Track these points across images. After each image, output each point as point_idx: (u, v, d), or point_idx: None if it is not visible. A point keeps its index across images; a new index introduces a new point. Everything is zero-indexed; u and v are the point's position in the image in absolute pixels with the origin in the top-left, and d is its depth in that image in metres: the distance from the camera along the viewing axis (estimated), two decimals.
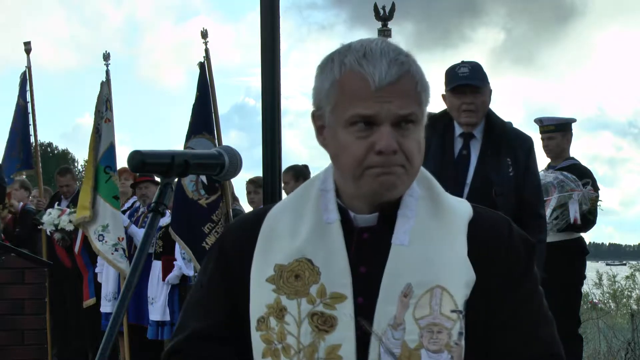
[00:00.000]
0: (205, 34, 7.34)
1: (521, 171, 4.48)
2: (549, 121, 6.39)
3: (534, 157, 4.58)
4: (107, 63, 8.19)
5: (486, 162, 4.50)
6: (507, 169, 4.47)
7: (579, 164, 6.34)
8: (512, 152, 4.50)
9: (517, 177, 4.46)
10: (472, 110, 4.52)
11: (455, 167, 4.54)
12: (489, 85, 4.59)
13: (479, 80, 4.54)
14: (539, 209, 4.52)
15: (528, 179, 4.49)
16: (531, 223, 4.45)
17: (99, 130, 7.95)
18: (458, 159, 4.56)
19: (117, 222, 7.73)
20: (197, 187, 7.23)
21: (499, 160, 4.48)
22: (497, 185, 4.45)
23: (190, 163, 1.74)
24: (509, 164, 4.47)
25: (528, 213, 4.46)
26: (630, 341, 8.22)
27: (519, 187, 4.47)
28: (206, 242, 7.17)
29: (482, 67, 4.63)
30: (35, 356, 5.36)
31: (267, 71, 6.06)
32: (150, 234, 1.72)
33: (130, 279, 1.66)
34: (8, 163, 8.76)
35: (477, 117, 4.54)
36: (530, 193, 4.48)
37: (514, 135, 4.57)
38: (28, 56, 8.81)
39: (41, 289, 5.49)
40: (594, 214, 6.12)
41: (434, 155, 4.58)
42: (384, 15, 6.73)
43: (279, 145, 6.06)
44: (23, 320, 5.36)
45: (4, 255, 5.38)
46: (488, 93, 4.58)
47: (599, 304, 13.17)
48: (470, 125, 4.55)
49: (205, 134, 7.28)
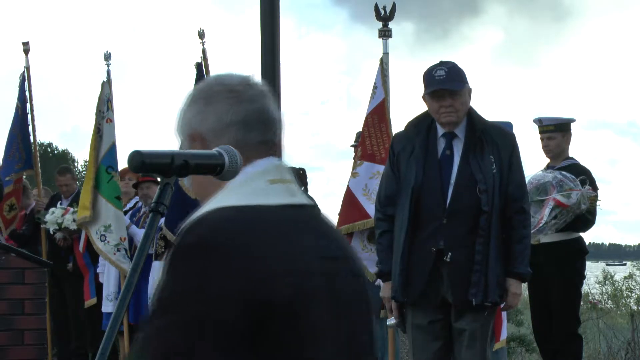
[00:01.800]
0: (202, 34, 7.34)
1: (504, 168, 4.51)
2: (549, 121, 6.39)
3: (517, 153, 4.60)
4: (108, 63, 8.20)
5: (469, 161, 4.53)
6: (491, 166, 4.50)
7: (579, 164, 6.33)
8: (495, 149, 4.53)
9: (501, 173, 4.50)
10: (451, 112, 4.57)
11: (439, 166, 4.57)
12: (466, 84, 4.61)
13: (456, 83, 4.58)
14: (523, 204, 4.53)
15: (511, 175, 4.52)
16: (515, 218, 4.50)
17: (100, 130, 7.95)
18: (442, 158, 4.60)
19: (119, 222, 7.73)
20: None
21: (482, 158, 4.51)
22: (481, 183, 4.47)
23: (190, 163, 1.74)
24: (492, 161, 4.51)
25: (512, 208, 4.49)
26: (630, 341, 8.23)
27: (503, 183, 4.49)
28: None
29: (459, 66, 4.65)
30: (35, 356, 5.36)
31: (267, 71, 6.07)
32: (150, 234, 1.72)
33: (130, 279, 1.66)
34: (7, 163, 8.76)
35: (457, 116, 4.58)
36: (513, 189, 4.51)
37: (497, 133, 4.60)
38: (27, 56, 8.82)
39: (41, 289, 5.49)
40: (594, 213, 6.12)
41: (417, 156, 4.61)
42: (385, 16, 6.72)
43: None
44: (23, 320, 5.36)
45: (4, 255, 5.38)
46: (467, 93, 4.61)
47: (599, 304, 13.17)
48: (451, 125, 4.59)
49: None
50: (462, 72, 4.64)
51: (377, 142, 6.67)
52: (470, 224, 4.46)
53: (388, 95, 6.68)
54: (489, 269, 4.43)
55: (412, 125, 4.74)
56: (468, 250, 4.45)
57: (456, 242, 4.47)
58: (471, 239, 4.45)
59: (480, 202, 4.45)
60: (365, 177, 6.68)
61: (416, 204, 4.55)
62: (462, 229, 4.47)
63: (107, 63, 8.20)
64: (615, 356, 8.55)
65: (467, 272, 4.46)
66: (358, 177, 6.69)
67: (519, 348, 8.66)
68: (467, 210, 4.47)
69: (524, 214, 4.52)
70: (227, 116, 1.89)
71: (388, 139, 6.65)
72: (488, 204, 4.45)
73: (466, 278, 4.45)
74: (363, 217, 6.63)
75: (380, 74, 6.70)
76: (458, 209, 4.48)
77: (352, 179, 6.74)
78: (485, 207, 4.45)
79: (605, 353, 8.80)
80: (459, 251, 4.46)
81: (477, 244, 4.44)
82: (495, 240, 4.45)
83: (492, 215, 4.45)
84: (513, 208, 4.48)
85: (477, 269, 4.43)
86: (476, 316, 4.49)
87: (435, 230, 4.50)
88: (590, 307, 11.77)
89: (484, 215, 4.45)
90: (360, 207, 6.67)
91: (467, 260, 4.45)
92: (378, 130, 6.66)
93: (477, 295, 4.42)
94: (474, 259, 4.43)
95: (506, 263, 4.48)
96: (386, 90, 6.67)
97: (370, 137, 6.68)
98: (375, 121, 6.66)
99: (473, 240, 4.45)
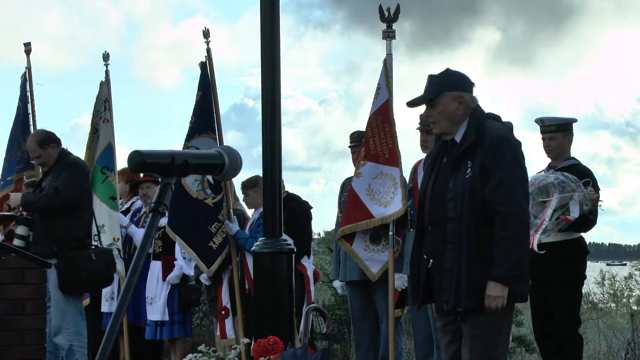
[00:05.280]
0: (207, 33, 7.34)
1: (479, 172, 4.47)
2: (550, 121, 6.38)
3: (495, 154, 4.49)
4: (106, 63, 8.21)
5: (449, 168, 4.58)
6: (465, 171, 4.50)
7: (580, 164, 6.33)
8: (476, 153, 4.51)
9: (474, 178, 4.48)
10: (434, 122, 4.64)
11: (436, 175, 4.65)
12: (448, 92, 4.59)
13: (428, 93, 4.63)
14: (498, 207, 4.44)
15: (485, 178, 4.47)
16: (493, 221, 4.47)
17: (97, 130, 7.95)
18: (441, 167, 4.66)
19: (113, 222, 7.73)
20: (202, 186, 7.23)
21: (459, 164, 4.54)
22: (450, 190, 4.52)
23: (190, 163, 1.74)
24: (468, 166, 4.51)
25: (490, 211, 4.47)
26: (630, 341, 8.22)
27: (476, 188, 4.47)
28: (213, 242, 7.17)
29: (449, 73, 4.67)
30: (35, 356, 5.36)
31: (267, 71, 6.07)
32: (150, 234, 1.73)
33: (130, 279, 1.66)
34: (8, 164, 8.76)
35: (439, 127, 4.63)
36: (488, 192, 4.46)
37: (485, 136, 4.55)
38: (28, 57, 8.82)
39: (41, 289, 5.49)
40: (595, 214, 6.12)
41: (428, 164, 4.77)
42: (389, 17, 6.73)
43: (279, 145, 6.07)
44: (23, 320, 5.36)
45: (4, 255, 5.37)
46: (448, 100, 4.59)
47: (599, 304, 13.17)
48: (442, 135, 4.66)
49: (209, 134, 7.28)
50: (449, 78, 4.64)
51: (380, 143, 6.67)
52: (442, 231, 4.53)
53: (391, 96, 6.69)
54: (461, 274, 4.45)
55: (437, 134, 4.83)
56: (440, 257, 4.53)
57: (435, 249, 4.56)
58: (443, 245, 4.53)
59: (447, 209, 4.51)
60: (368, 178, 6.68)
61: (422, 211, 4.68)
62: (439, 237, 4.55)
63: (106, 63, 8.21)
64: (615, 356, 8.55)
65: (441, 278, 4.53)
66: (361, 178, 6.69)
67: (519, 348, 8.65)
68: (442, 217, 4.54)
69: (500, 217, 4.44)
70: None
71: (392, 139, 6.65)
72: (455, 210, 4.48)
73: (440, 284, 4.53)
74: (366, 217, 6.64)
75: (385, 75, 6.70)
76: (435, 216, 4.57)
77: (355, 180, 6.74)
78: (451, 214, 4.49)
79: (605, 353, 8.80)
80: (438, 258, 4.55)
81: (447, 251, 4.50)
82: (470, 246, 4.45)
83: (461, 222, 4.47)
84: (489, 211, 4.47)
85: (447, 275, 4.50)
86: (468, 319, 4.53)
87: (424, 237, 4.65)
88: (590, 307, 11.76)
89: (451, 221, 4.49)
90: (363, 208, 6.67)
91: (440, 266, 4.54)
92: (382, 130, 6.66)
93: (449, 301, 4.49)
94: (445, 265, 4.51)
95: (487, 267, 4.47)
96: (390, 91, 6.67)
97: (373, 138, 6.68)
98: (378, 122, 6.67)
99: (445, 247, 4.52)
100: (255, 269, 6.13)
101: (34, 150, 6.87)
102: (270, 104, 6.01)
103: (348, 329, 9.00)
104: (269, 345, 4.94)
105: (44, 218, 6.66)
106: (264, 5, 6.02)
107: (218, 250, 7.16)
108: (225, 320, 7.48)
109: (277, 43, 6.04)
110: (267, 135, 6.01)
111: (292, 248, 5.97)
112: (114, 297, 8.04)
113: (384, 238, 6.67)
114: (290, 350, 4.84)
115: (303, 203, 7.78)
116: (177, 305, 7.88)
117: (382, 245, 6.71)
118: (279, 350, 4.91)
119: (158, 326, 7.87)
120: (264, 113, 6.02)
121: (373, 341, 7.05)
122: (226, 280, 7.45)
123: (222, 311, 7.47)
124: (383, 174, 6.68)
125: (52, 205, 6.61)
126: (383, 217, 6.58)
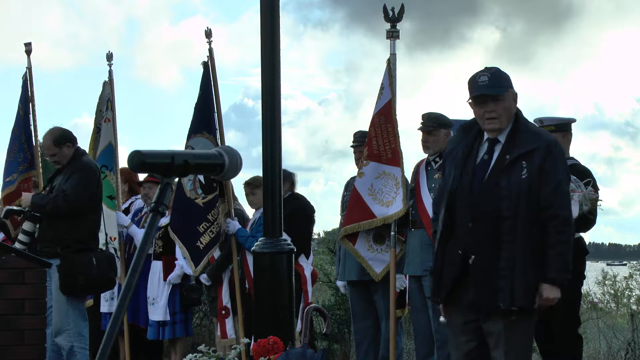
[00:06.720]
0: (209, 33, 7.34)
1: (535, 173, 4.47)
2: (550, 121, 6.38)
3: (552, 158, 4.51)
4: (110, 63, 8.22)
5: (500, 167, 4.53)
6: (520, 172, 4.48)
7: (579, 164, 6.33)
8: (529, 154, 4.50)
9: (531, 180, 4.47)
10: (494, 118, 4.57)
11: (474, 172, 4.58)
12: (510, 89, 4.60)
13: (497, 88, 4.56)
14: (556, 211, 4.47)
15: (543, 182, 4.48)
16: (548, 224, 4.47)
17: (100, 130, 7.97)
18: (479, 164, 4.60)
19: (110, 221, 7.73)
20: (194, 186, 7.24)
21: (514, 163, 4.50)
22: (504, 189, 4.47)
23: (190, 163, 1.74)
24: (523, 167, 4.49)
25: (544, 215, 4.47)
26: (630, 341, 8.22)
27: (532, 189, 4.46)
28: (200, 242, 7.16)
29: (502, 71, 4.64)
30: (35, 356, 5.36)
31: (267, 71, 6.07)
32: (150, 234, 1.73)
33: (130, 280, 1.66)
34: (9, 164, 8.75)
35: (500, 123, 4.57)
36: (544, 196, 4.47)
37: (534, 137, 4.56)
38: (29, 57, 8.80)
39: (41, 289, 5.49)
40: (595, 214, 6.13)
41: (458, 161, 4.65)
42: (393, 17, 6.74)
43: (279, 145, 6.07)
44: (23, 320, 5.36)
45: (4, 255, 5.37)
46: (510, 97, 4.60)
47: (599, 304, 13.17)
48: (494, 131, 4.60)
49: (205, 134, 7.28)
50: (506, 77, 4.63)
51: (383, 143, 6.68)
52: (494, 229, 4.47)
53: (395, 96, 6.69)
54: (516, 274, 4.42)
55: (462, 129, 4.79)
56: (492, 255, 4.46)
57: (479, 246, 4.49)
58: (496, 244, 4.46)
59: (501, 209, 4.46)
60: (371, 177, 6.68)
61: (452, 208, 4.61)
62: (486, 234, 4.48)
63: (109, 63, 8.22)
64: (615, 356, 8.55)
65: (490, 276, 4.46)
66: (364, 177, 6.70)
67: None
68: (490, 215, 4.48)
69: (557, 220, 4.46)
70: None
71: (394, 139, 6.66)
72: (509, 209, 4.45)
73: (489, 282, 4.46)
74: (369, 217, 6.64)
75: (388, 75, 6.71)
76: (481, 213, 4.50)
77: (358, 179, 6.75)
78: (506, 213, 4.46)
79: (605, 353, 8.80)
80: (483, 255, 4.48)
81: (502, 250, 4.45)
82: (525, 246, 4.43)
83: (516, 221, 4.44)
84: (545, 215, 4.46)
85: (502, 274, 4.44)
86: (501, 318, 4.49)
87: (463, 233, 4.56)
88: (590, 307, 11.77)
89: (507, 220, 4.45)
90: (365, 207, 6.67)
91: (490, 264, 4.46)
92: (384, 130, 6.67)
93: (505, 300, 4.44)
94: (499, 264, 4.45)
95: (541, 268, 4.48)
96: (393, 91, 6.68)
97: (376, 138, 6.68)
98: (381, 121, 6.67)
99: (498, 246, 4.46)
100: (255, 268, 6.13)
101: (49, 148, 6.88)
102: (270, 104, 6.01)
103: (348, 329, 9.00)
104: (269, 345, 4.94)
105: (50, 218, 6.67)
106: (264, 5, 6.01)
107: (204, 250, 7.14)
108: (225, 320, 7.48)
109: (277, 43, 6.04)
110: (267, 135, 6.00)
111: (292, 248, 5.97)
112: (114, 298, 8.04)
113: (388, 238, 6.68)
114: (298, 349, 4.81)
115: (305, 203, 7.76)
116: (178, 305, 7.88)
117: (386, 245, 6.72)
118: (279, 350, 4.91)
119: (160, 326, 7.87)
120: (264, 113, 6.02)
121: (373, 341, 7.06)
122: (226, 280, 7.45)
123: (223, 311, 7.47)
124: (385, 174, 6.68)
125: (58, 209, 6.63)
126: (385, 217, 6.59)
